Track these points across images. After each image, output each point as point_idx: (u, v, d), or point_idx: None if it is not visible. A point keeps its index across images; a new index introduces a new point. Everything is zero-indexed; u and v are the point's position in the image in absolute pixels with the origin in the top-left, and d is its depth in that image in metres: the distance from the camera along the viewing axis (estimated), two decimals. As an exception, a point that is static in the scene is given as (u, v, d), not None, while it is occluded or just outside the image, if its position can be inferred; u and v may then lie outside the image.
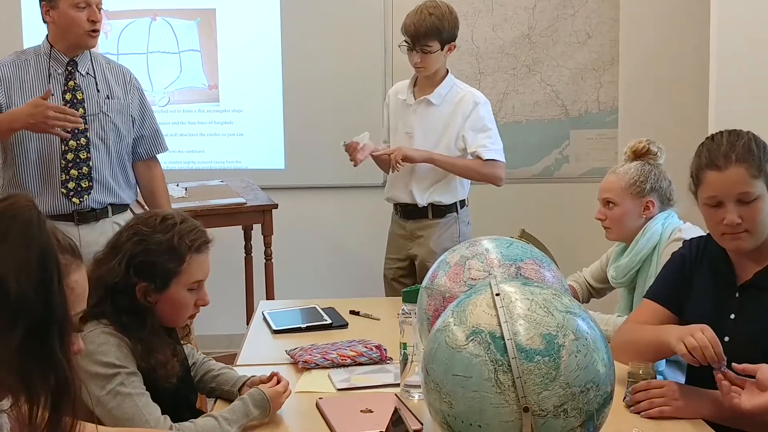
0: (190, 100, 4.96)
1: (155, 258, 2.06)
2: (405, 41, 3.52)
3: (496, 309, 1.61)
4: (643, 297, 2.44)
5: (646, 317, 2.36)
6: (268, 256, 4.34)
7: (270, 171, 4.96)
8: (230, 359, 2.78)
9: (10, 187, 3.24)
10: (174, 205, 3.66)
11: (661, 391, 2.13)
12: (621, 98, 4.84)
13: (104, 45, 4.81)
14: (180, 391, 2.13)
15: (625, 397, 2.16)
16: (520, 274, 1.96)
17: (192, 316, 2.19)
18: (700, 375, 2.23)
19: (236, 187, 4.50)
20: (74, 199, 3.25)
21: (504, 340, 1.57)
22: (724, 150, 2.16)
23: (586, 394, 1.59)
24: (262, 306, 3.17)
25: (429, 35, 3.46)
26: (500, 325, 1.58)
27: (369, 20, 4.87)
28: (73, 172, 3.24)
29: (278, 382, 2.16)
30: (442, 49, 3.51)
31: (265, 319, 2.96)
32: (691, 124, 3.98)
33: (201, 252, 2.12)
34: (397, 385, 2.29)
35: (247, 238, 4.53)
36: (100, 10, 3.20)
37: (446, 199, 3.64)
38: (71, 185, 3.24)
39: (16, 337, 1.12)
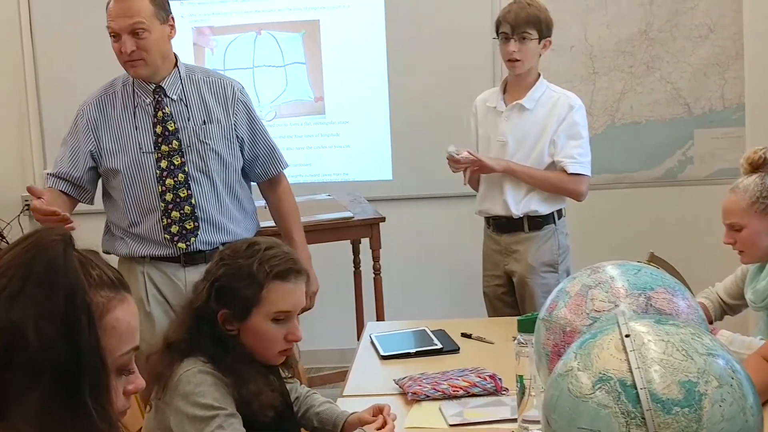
0: (296, 113, 4.91)
1: (235, 283, 2.00)
2: (503, 32, 3.35)
3: (626, 353, 1.42)
4: None
5: None
6: (376, 271, 4.24)
7: (377, 182, 4.86)
8: (341, 376, 2.66)
9: (125, 236, 2.93)
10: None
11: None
12: (747, 94, 4.57)
13: (210, 61, 4.83)
14: (280, 427, 2.02)
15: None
16: (651, 305, 1.75)
17: (284, 352, 2.07)
18: None
19: (343, 200, 4.41)
20: (180, 245, 2.89)
21: (636, 388, 1.38)
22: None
23: (733, 449, 1.39)
24: (370, 328, 3.05)
25: (529, 23, 3.32)
26: (632, 372, 1.39)
27: (477, 28, 4.70)
28: (175, 214, 2.88)
29: (384, 422, 2.02)
30: (539, 41, 3.35)
31: (372, 343, 2.84)
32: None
33: (286, 280, 2.02)
34: (515, 420, 2.13)
35: (356, 252, 4.45)
36: (138, 36, 2.77)
37: (543, 209, 3.40)
38: (174, 229, 2.88)
39: (39, 394, 1.00)
